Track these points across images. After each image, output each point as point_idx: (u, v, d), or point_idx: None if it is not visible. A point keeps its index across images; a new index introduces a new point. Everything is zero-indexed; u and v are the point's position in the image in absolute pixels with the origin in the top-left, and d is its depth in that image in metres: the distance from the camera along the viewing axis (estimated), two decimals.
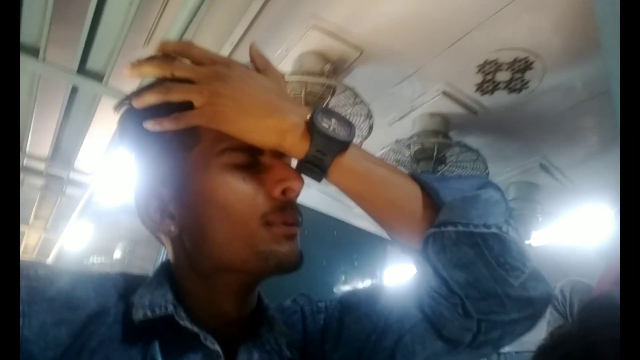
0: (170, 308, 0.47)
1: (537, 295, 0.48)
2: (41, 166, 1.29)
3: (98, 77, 0.93)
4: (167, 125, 0.48)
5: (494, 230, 0.48)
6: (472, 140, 2.23)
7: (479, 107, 2.17)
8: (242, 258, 0.49)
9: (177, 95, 0.48)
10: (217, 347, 0.48)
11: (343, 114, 1.66)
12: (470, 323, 0.49)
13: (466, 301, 0.48)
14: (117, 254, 4.19)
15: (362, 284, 3.10)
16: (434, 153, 2.09)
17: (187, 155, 0.50)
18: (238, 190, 0.48)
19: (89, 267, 4.06)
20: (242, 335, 0.53)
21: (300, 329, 0.59)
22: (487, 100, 2.13)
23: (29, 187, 1.42)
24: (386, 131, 2.22)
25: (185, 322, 0.47)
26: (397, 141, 2.17)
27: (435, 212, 0.50)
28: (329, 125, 0.48)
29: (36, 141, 1.21)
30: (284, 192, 0.49)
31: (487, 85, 2.09)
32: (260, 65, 0.54)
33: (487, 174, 2.18)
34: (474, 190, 0.53)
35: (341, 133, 0.48)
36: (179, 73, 0.49)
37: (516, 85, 2.03)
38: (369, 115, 1.88)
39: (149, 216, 0.52)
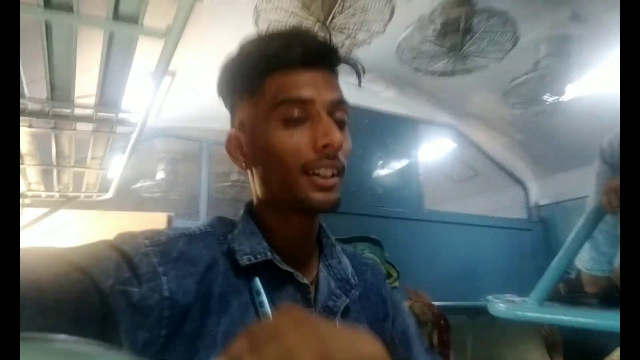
0: (269, 255, 0.59)
1: None
2: (90, 112, 1.33)
3: (133, 19, 0.93)
4: None
5: None
6: (497, 2, 2.12)
7: None
8: (287, 199, 0.59)
9: None
10: (305, 281, 0.61)
11: (362, 2, 1.59)
12: None
13: None
14: (161, 175, 4.38)
15: (399, 164, 3.20)
16: (461, 24, 2.01)
17: (255, 107, 0.60)
18: (286, 142, 0.57)
19: (137, 191, 4.27)
20: (316, 263, 0.66)
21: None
22: None
23: (83, 133, 1.48)
24: (407, 9, 2.12)
25: (282, 265, 0.60)
26: (420, 17, 2.08)
27: None
28: None
29: (82, 90, 1.24)
30: (324, 146, 0.57)
31: None
32: None
33: (518, 36, 2.09)
34: None
35: None
36: None
37: None
38: None
39: (230, 151, 0.64)
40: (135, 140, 1.57)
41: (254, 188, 0.65)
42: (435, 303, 2.22)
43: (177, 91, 2.98)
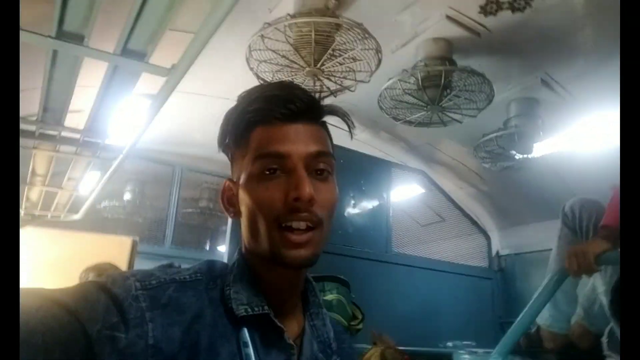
0: (266, 308, 0.60)
1: None
2: (77, 136, 1.33)
3: (139, 56, 0.96)
4: None
5: None
6: (474, 62, 2.26)
7: (483, 29, 2.18)
8: (264, 251, 0.60)
9: None
10: (291, 342, 0.60)
11: (352, 50, 1.66)
12: None
13: None
14: (127, 196, 4.29)
15: (370, 205, 3.26)
16: (442, 80, 2.13)
17: (242, 160, 0.63)
18: (261, 195, 0.59)
19: (101, 211, 4.15)
20: (300, 322, 0.66)
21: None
22: (490, 21, 2.13)
23: (65, 155, 1.47)
24: (390, 61, 2.23)
25: (276, 320, 0.60)
26: (403, 70, 2.19)
27: None
28: None
29: (71, 116, 1.25)
30: (295, 199, 0.58)
31: (490, 6, 2.08)
32: None
33: (492, 96, 2.23)
34: None
35: None
36: None
37: (520, 3, 2.03)
38: (379, 50, 1.88)
39: (222, 200, 0.67)
40: (118, 166, 1.56)
41: (242, 237, 0.65)
42: (401, 348, 2.24)
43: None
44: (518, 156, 2.70)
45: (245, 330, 0.58)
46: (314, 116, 0.63)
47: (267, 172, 0.59)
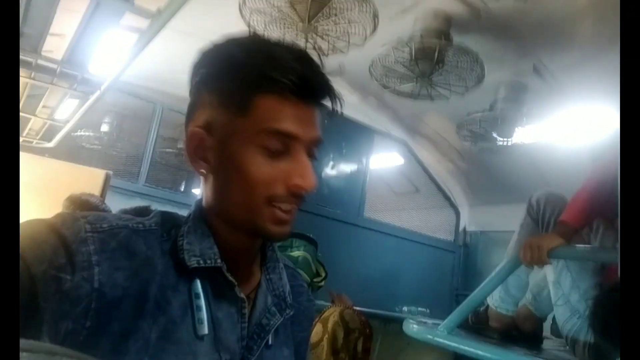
0: (219, 262, 0.58)
1: None
2: (54, 66, 1.29)
3: None
4: None
5: None
6: (470, 40, 2.24)
7: (484, 8, 2.14)
8: (243, 222, 0.59)
9: None
10: (242, 296, 0.60)
11: (349, 11, 1.63)
12: None
13: None
14: (104, 128, 4.21)
15: (349, 169, 3.29)
16: (435, 54, 2.11)
17: (236, 121, 0.56)
18: (260, 171, 0.56)
19: (76, 139, 4.07)
20: (257, 276, 0.66)
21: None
22: (493, 1, 2.09)
23: (40, 83, 1.42)
24: (386, 27, 2.18)
25: (228, 275, 0.59)
26: (398, 39, 2.15)
27: None
28: None
29: (51, 40, 1.19)
30: (297, 186, 0.57)
31: None
32: None
33: (482, 76, 2.23)
34: None
35: None
36: None
37: None
38: (376, 15, 1.84)
39: (187, 149, 0.60)
40: (96, 100, 1.52)
41: (207, 194, 0.62)
42: (356, 308, 2.33)
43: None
44: (499, 139, 2.73)
45: (198, 282, 0.58)
46: (322, 98, 0.59)
47: (271, 149, 0.56)
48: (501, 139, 2.72)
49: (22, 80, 1.42)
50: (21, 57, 1.25)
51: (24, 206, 2.36)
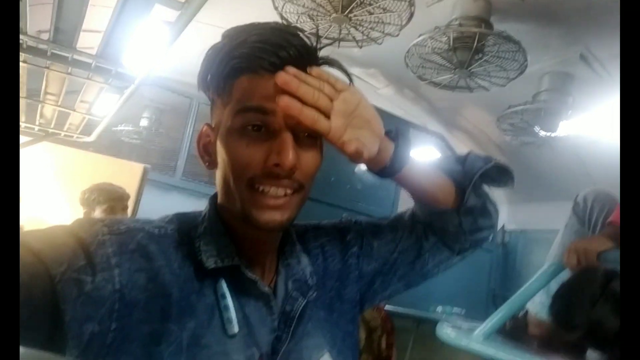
0: (236, 260, 0.58)
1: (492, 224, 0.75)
2: (90, 61, 1.30)
3: None
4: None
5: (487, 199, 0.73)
6: (511, 28, 2.13)
7: None
8: (236, 211, 0.57)
9: (322, 128, 0.54)
10: (267, 290, 0.60)
11: (383, 3, 1.60)
12: (466, 242, 0.74)
13: (467, 235, 0.73)
14: (144, 122, 4.30)
15: None
16: (474, 42, 2.01)
17: (223, 110, 0.57)
18: (238, 152, 0.55)
19: (117, 133, 4.18)
20: (275, 264, 0.65)
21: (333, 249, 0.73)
22: None
23: (77, 78, 1.45)
24: (423, 15, 2.11)
25: (248, 272, 0.58)
26: (436, 28, 2.08)
27: (457, 196, 0.71)
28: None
29: (85, 42, 1.21)
30: (275, 164, 0.53)
31: None
32: (342, 87, 0.57)
33: (525, 67, 2.12)
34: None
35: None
36: (322, 103, 0.54)
37: None
38: (411, 3, 1.78)
39: (197, 146, 0.62)
40: (131, 93, 1.54)
41: (217, 189, 0.62)
42: (389, 308, 2.29)
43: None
44: (542, 133, 2.61)
45: (223, 282, 0.57)
46: (305, 67, 0.56)
47: (250, 128, 0.54)
48: (544, 133, 2.60)
49: (60, 75, 1.45)
50: (57, 52, 1.28)
51: (67, 199, 2.45)
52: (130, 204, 2.19)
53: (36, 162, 2.40)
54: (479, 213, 0.72)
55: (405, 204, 3.37)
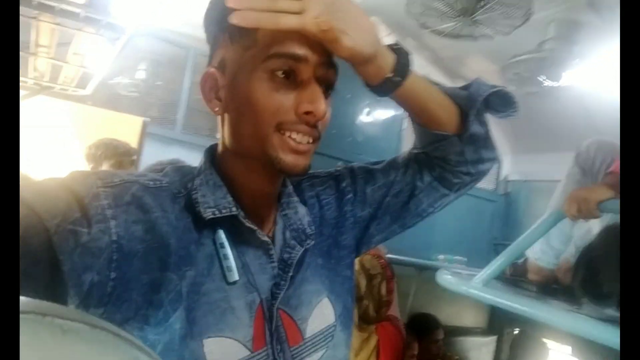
0: (234, 209, 0.59)
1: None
2: (78, 10, 1.26)
3: None
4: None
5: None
6: None
7: None
8: (257, 154, 0.57)
9: (289, 24, 0.52)
10: (266, 238, 0.61)
11: None
12: (467, 175, 0.73)
13: (469, 165, 0.72)
14: (141, 75, 4.22)
15: (384, 115, 3.18)
16: None
17: (244, 52, 0.56)
18: (268, 97, 0.55)
19: (114, 86, 4.12)
20: (274, 215, 0.66)
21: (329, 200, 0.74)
22: None
23: (66, 29, 1.41)
24: None
25: (245, 221, 0.59)
26: None
27: (461, 120, 0.70)
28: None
29: None
30: (306, 112, 0.55)
31: None
32: None
33: (530, 14, 2.04)
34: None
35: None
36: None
37: None
38: None
39: (203, 90, 0.61)
40: (125, 45, 1.50)
41: (222, 135, 0.62)
42: (390, 256, 2.33)
43: None
44: (547, 82, 2.55)
45: (221, 231, 0.58)
46: None
47: (279, 74, 0.54)
48: (550, 82, 2.54)
49: (49, 26, 1.41)
50: (44, 2, 1.23)
51: (67, 153, 2.45)
52: None
53: (33, 116, 2.38)
54: (482, 143, 0.72)
55: None
